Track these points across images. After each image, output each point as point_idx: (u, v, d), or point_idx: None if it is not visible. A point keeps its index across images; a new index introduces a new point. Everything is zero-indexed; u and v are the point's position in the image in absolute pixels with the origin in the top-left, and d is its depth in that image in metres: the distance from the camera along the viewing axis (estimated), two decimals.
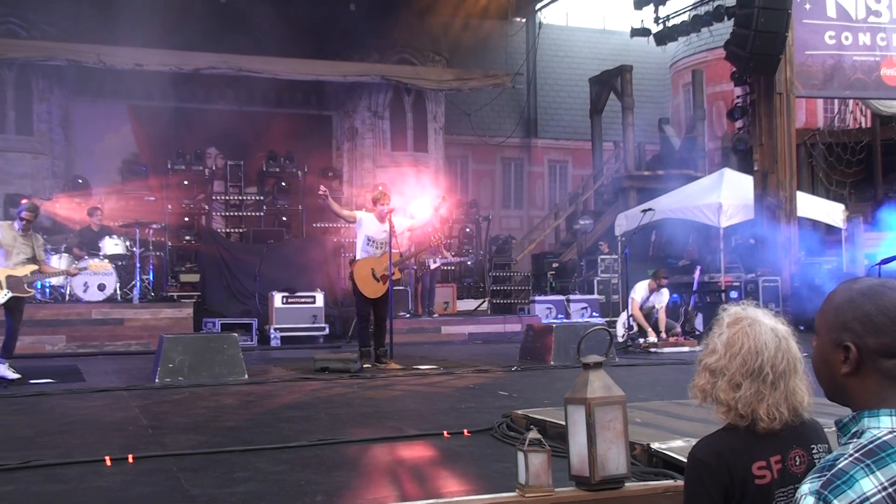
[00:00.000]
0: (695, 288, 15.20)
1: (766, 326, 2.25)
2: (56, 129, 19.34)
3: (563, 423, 3.63)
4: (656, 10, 19.00)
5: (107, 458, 4.95)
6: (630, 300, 13.55)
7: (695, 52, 27.18)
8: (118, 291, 14.24)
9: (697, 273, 15.27)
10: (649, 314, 13.44)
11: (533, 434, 3.64)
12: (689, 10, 18.93)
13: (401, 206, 11.26)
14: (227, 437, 5.80)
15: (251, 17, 18.18)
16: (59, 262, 14.12)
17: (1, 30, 18.42)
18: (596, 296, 18.60)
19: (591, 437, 3.52)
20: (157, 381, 9.02)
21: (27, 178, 18.36)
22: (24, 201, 10.59)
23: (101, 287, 13.96)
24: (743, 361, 2.22)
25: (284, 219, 19.39)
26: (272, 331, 15.08)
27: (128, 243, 14.79)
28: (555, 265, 20.30)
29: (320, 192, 10.67)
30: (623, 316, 13.88)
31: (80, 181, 17.82)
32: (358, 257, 10.62)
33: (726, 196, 17.23)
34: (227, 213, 19.58)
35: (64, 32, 18.44)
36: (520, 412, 5.79)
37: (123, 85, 19.70)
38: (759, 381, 2.21)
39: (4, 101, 18.61)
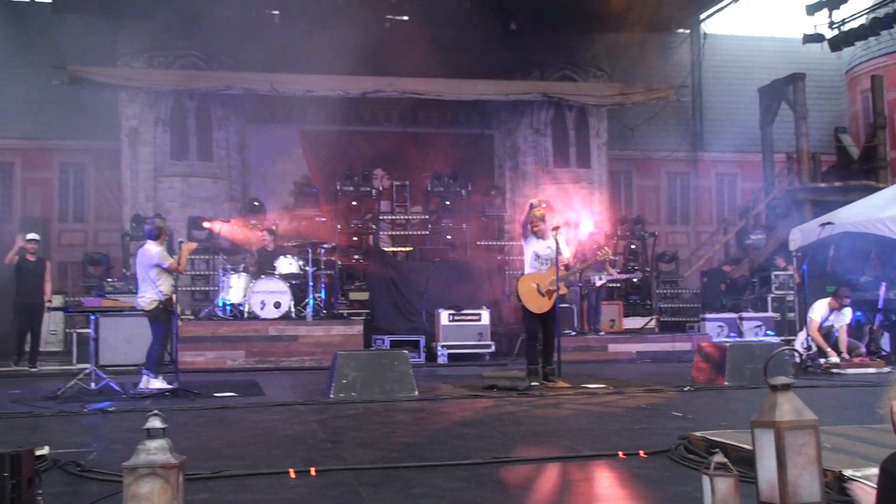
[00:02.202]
0: (880, 306, 14.33)
1: None
2: (233, 155, 20.35)
3: (746, 446, 3.51)
4: (830, 15, 18.23)
5: (291, 470, 5.12)
6: (808, 319, 12.97)
7: (873, 57, 25.75)
8: (292, 309, 14.83)
9: (883, 290, 14.38)
10: (828, 334, 12.81)
11: (718, 458, 3.52)
12: (867, 12, 18.03)
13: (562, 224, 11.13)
14: (403, 453, 5.90)
15: (414, 40, 18.55)
16: (237, 280, 14.88)
17: (184, 62, 19.61)
18: (770, 313, 17.90)
19: (782, 463, 3.37)
20: (331, 395, 9.31)
21: (208, 202, 19.38)
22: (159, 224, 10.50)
23: (277, 305, 14.58)
24: None
25: (449, 237, 19.58)
26: (439, 348, 15.32)
27: (301, 263, 15.38)
28: (726, 281, 19.67)
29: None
30: (801, 335, 13.26)
31: (256, 203, 18.62)
32: (526, 272, 10.67)
33: None
34: (394, 233, 19.99)
35: (239, 63, 19.45)
36: (698, 434, 5.61)
37: (294, 111, 20.60)
38: None
39: (187, 129, 19.75)
